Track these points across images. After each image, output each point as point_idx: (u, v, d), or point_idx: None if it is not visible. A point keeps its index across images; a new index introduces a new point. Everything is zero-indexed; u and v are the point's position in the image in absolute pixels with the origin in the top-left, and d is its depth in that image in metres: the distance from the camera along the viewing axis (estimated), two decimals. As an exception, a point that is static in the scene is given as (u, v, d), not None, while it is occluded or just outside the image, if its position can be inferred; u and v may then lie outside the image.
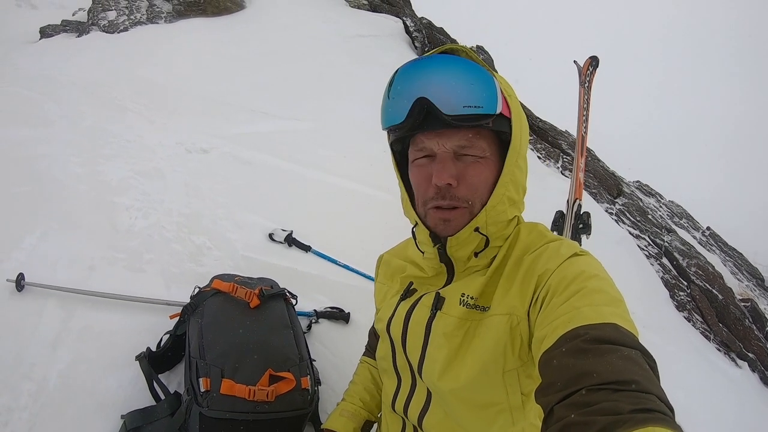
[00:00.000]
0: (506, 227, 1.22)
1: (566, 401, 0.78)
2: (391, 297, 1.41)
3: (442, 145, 1.13)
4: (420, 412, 1.29)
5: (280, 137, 4.87)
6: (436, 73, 1.09)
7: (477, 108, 1.06)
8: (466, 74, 1.09)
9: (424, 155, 1.18)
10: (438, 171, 1.13)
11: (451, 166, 1.13)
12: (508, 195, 1.17)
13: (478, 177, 1.14)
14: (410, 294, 1.35)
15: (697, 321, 5.58)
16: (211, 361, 1.69)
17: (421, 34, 9.08)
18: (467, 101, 1.06)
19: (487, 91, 1.08)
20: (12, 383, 1.85)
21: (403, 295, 1.36)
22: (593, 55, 3.79)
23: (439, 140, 1.13)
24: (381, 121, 1.19)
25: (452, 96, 1.06)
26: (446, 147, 1.13)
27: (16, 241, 2.53)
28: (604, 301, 0.94)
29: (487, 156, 1.14)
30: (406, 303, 1.33)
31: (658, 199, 9.06)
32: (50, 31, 7.74)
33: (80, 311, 2.23)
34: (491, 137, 1.15)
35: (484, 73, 1.10)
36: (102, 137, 3.99)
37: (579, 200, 3.25)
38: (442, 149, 1.13)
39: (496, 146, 1.17)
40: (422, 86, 1.08)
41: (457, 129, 1.10)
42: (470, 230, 1.17)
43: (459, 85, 1.07)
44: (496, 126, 1.12)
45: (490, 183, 1.16)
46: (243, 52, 7.00)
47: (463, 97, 1.06)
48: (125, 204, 3.14)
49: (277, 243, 3.28)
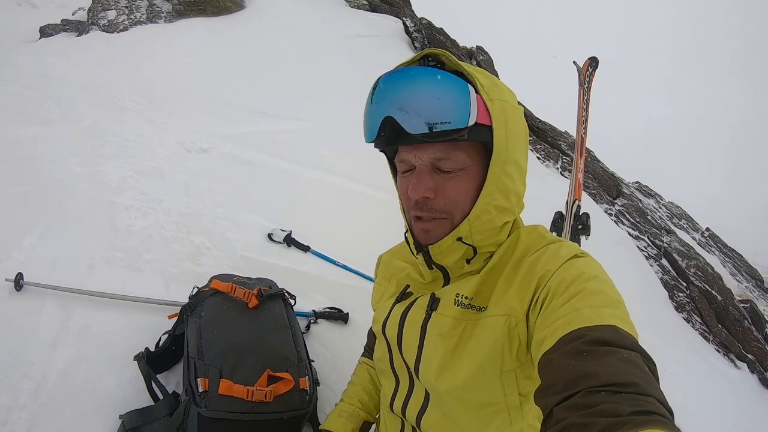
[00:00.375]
0: (498, 233, 1.20)
1: (566, 403, 0.78)
2: (387, 299, 1.41)
3: (419, 158, 1.12)
4: (418, 413, 1.29)
5: (280, 137, 4.88)
6: (403, 90, 1.06)
7: (444, 124, 1.03)
8: (432, 89, 1.04)
9: (406, 167, 1.17)
10: (414, 185, 1.12)
11: (428, 179, 1.12)
12: (495, 204, 1.14)
13: (457, 190, 1.13)
14: (406, 296, 1.35)
15: (696, 322, 5.58)
16: (210, 361, 1.69)
17: (421, 34, 9.08)
18: (432, 118, 1.03)
19: (455, 104, 1.04)
20: (11, 383, 1.85)
21: (399, 297, 1.36)
22: (592, 56, 3.80)
23: (416, 153, 1.11)
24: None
25: (416, 114, 1.03)
26: (422, 160, 1.11)
27: (16, 240, 2.53)
28: (604, 302, 0.94)
29: (466, 167, 1.12)
30: (401, 305, 1.33)
31: (657, 200, 9.06)
32: (50, 31, 7.74)
33: (79, 311, 2.23)
34: (472, 146, 1.12)
35: (453, 84, 1.06)
36: (101, 137, 3.99)
37: (578, 201, 3.25)
38: (419, 162, 1.12)
39: (479, 154, 1.13)
40: (389, 104, 1.06)
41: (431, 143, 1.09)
42: (452, 240, 1.16)
43: (423, 102, 1.03)
44: (473, 137, 1.08)
45: (471, 194, 1.14)
46: (243, 52, 7.00)
47: (427, 114, 1.03)
48: (124, 203, 3.14)
49: (276, 243, 3.29)
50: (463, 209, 1.14)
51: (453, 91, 1.05)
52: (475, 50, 10.12)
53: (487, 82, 1.11)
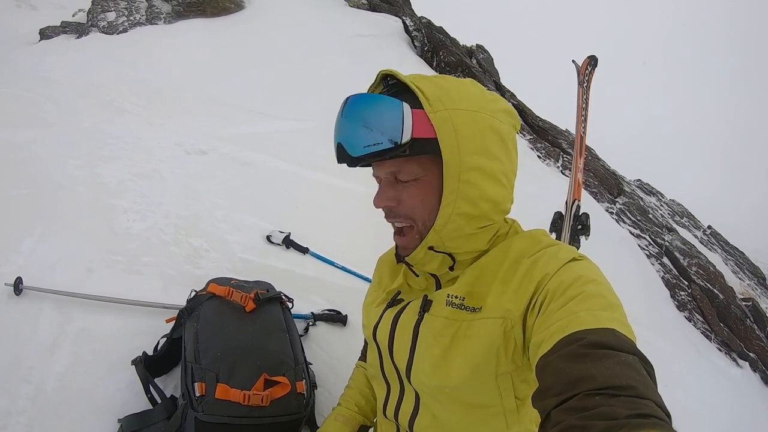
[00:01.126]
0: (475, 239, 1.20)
1: (563, 406, 0.78)
2: (377, 306, 1.41)
3: (380, 171, 1.20)
4: (410, 417, 1.29)
5: (279, 138, 4.88)
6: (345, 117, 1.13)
7: (376, 145, 1.08)
8: (364, 114, 1.10)
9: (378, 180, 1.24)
10: (376, 196, 1.21)
11: (388, 190, 1.19)
12: (459, 212, 1.14)
13: (413, 198, 1.16)
14: (397, 302, 1.35)
15: (697, 321, 5.58)
16: (206, 365, 1.69)
17: (421, 33, 9.09)
18: (365, 142, 1.08)
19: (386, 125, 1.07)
20: (10, 387, 1.85)
21: (390, 303, 1.37)
22: (592, 55, 3.78)
23: (378, 167, 1.20)
24: None
25: (353, 139, 1.10)
26: (383, 173, 1.19)
27: (14, 244, 2.53)
28: (602, 306, 0.94)
29: (419, 177, 1.15)
30: (392, 309, 1.33)
31: (659, 198, 9.06)
32: (50, 33, 7.75)
33: (78, 315, 2.23)
34: (426, 158, 1.13)
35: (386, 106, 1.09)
36: (100, 139, 3.99)
37: (578, 201, 3.24)
38: (383, 174, 1.19)
39: (435, 164, 1.13)
40: (338, 131, 1.15)
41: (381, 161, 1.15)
42: (423, 250, 1.20)
43: (357, 127, 1.10)
44: (416, 151, 1.10)
45: (429, 202, 1.16)
46: (242, 53, 7.01)
47: (361, 139, 1.09)
48: (123, 206, 3.14)
49: (274, 245, 3.29)
50: (423, 217, 1.17)
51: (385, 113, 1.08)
52: (475, 49, 10.13)
53: (436, 93, 1.10)
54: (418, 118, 1.08)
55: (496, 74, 9.83)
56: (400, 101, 1.08)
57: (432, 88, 1.11)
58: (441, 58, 8.58)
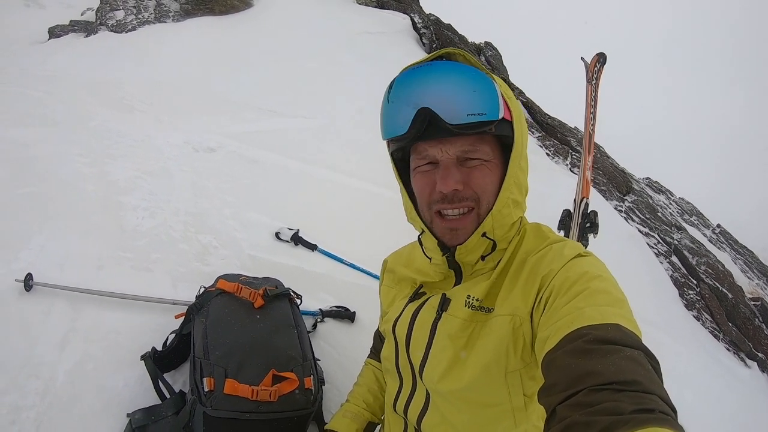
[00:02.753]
0: (510, 230, 1.21)
1: (569, 401, 0.78)
2: (400, 300, 1.41)
3: (446, 152, 1.12)
4: (419, 414, 1.29)
5: (287, 135, 4.88)
6: (437, 82, 1.08)
7: (481, 115, 1.06)
8: (468, 81, 1.07)
9: (426, 162, 1.16)
10: (443, 178, 1.12)
11: (456, 173, 1.12)
12: (513, 198, 1.16)
13: (484, 179, 1.14)
14: (419, 297, 1.35)
15: (706, 320, 5.54)
16: (215, 361, 1.70)
17: (429, 30, 9.06)
18: (471, 109, 1.05)
19: (489, 97, 1.07)
20: (20, 382, 1.87)
21: (412, 297, 1.37)
22: (600, 52, 3.76)
23: (443, 147, 1.12)
24: (381, 131, 1.18)
25: (455, 105, 1.05)
26: (450, 154, 1.12)
27: (24, 241, 2.55)
28: (608, 301, 0.95)
29: (491, 160, 1.14)
30: (413, 304, 1.34)
31: (668, 196, 9.00)
32: (59, 31, 7.77)
33: (88, 311, 2.25)
34: (493, 141, 1.14)
35: (485, 78, 1.09)
36: (109, 137, 4.01)
37: (586, 199, 3.23)
38: (445, 156, 1.12)
39: (498, 150, 1.16)
40: (423, 95, 1.07)
41: (460, 136, 1.09)
42: (478, 236, 1.17)
43: (461, 93, 1.06)
44: (499, 131, 1.11)
45: (495, 186, 1.15)
46: (250, 51, 7.01)
47: (466, 106, 1.05)
48: (132, 204, 3.16)
49: (283, 242, 3.29)
50: (488, 199, 1.15)
51: (485, 86, 1.08)
52: (484, 46, 10.09)
53: (501, 82, 1.13)
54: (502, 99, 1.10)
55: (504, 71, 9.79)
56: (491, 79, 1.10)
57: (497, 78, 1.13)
58: (449, 55, 8.53)
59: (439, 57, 1.17)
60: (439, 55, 1.17)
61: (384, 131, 1.18)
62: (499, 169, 1.16)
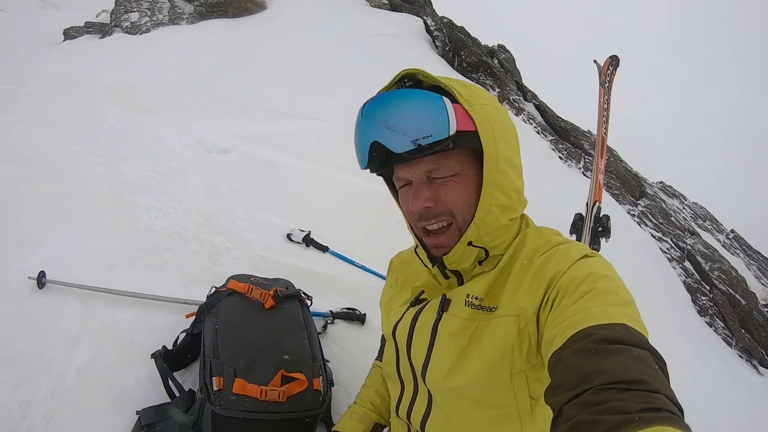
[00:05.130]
0: (506, 231, 1.22)
1: (575, 401, 0.78)
2: (400, 305, 1.41)
3: (413, 173, 1.16)
4: (422, 418, 1.29)
5: (300, 137, 4.90)
6: (383, 113, 1.11)
7: (426, 138, 1.07)
8: (410, 107, 1.09)
9: (403, 183, 1.21)
10: (413, 198, 1.17)
11: (425, 191, 1.16)
12: (496, 203, 1.16)
13: (452, 194, 1.15)
14: (419, 302, 1.35)
15: (718, 326, 5.49)
16: (225, 360, 1.71)
17: (442, 33, 9.08)
18: (414, 135, 1.07)
19: (434, 117, 1.08)
20: (31, 377, 1.89)
21: (413, 302, 1.37)
22: (613, 55, 3.74)
23: (410, 169, 1.16)
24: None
25: (399, 134, 1.08)
26: (417, 174, 1.16)
27: (38, 239, 2.58)
28: (614, 301, 0.94)
29: (457, 173, 1.15)
30: (414, 309, 1.34)
31: (681, 201, 8.94)
32: (74, 33, 7.87)
33: (100, 309, 2.27)
34: (462, 153, 1.15)
35: (431, 99, 1.09)
36: (123, 137, 4.05)
37: (598, 202, 3.21)
38: (414, 176, 1.16)
39: (470, 159, 1.17)
40: (373, 129, 1.11)
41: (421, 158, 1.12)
42: (463, 246, 1.18)
43: (403, 121, 1.08)
44: (460, 144, 1.11)
45: (468, 196, 1.17)
46: (263, 52, 7.05)
47: (409, 132, 1.07)
48: (145, 203, 3.18)
49: (295, 243, 3.30)
50: (463, 211, 1.17)
51: (428, 106, 1.09)
52: (497, 49, 10.09)
53: (465, 91, 1.14)
54: (458, 111, 1.10)
55: (517, 74, 9.79)
56: (440, 95, 1.10)
57: (458, 85, 1.14)
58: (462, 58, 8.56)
59: (401, 78, 1.20)
60: (401, 77, 1.20)
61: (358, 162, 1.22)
62: (474, 179, 1.17)
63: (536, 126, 7.89)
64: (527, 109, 8.34)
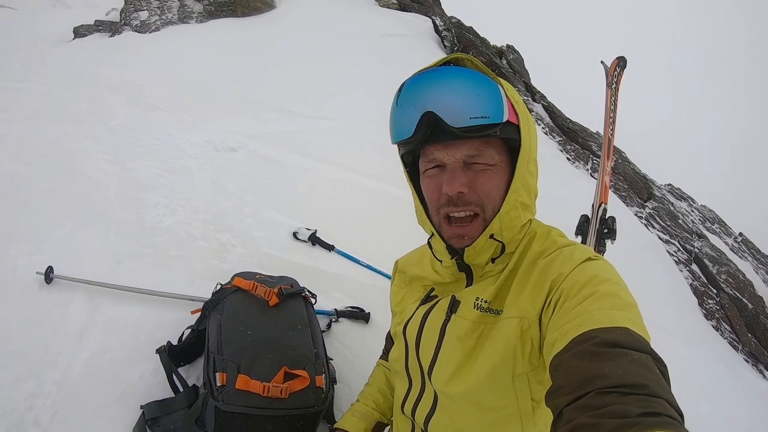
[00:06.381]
0: (520, 232, 1.21)
1: (576, 404, 0.78)
2: (412, 303, 1.42)
3: (452, 155, 1.13)
4: (426, 416, 1.30)
5: (308, 136, 4.92)
6: (442, 86, 1.10)
7: (484, 118, 1.07)
8: (472, 85, 1.09)
9: (434, 165, 1.18)
10: (449, 180, 1.13)
11: (462, 175, 1.13)
12: (521, 200, 1.17)
13: (489, 183, 1.14)
14: (430, 299, 1.36)
15: (725, 330, 5.46)
16: (229, 356, 1.72)
17: (451, 33, 9.06)
18: (473, 113, 1.06)
19: (493, 100, 1.08)
20: (38, 371, 1.92)
21: (424, 300, 1.37)
22: (620, 56, 3.73)
23: (449, 151, 1.13)
24: (390, 135, 1.20)
25: (459, 108, 1.07)
26: (456, 157, 1.13)
27: (45, 235, 2.61)
28: (617, 305, 0.94)
29: (496, 163, 1.14)
30: (425, 306, 1.34)
31: (689, 203, 8.89)
32: (84, 31, 7.92)
33: (106, 304, 2.29)
34: (500, 144, 1.15)
35: (489, 82, 1.10)
36: (132, 135, 4.08)
37: (604, 204, 3.20)
38: (451, 159, 1.14)
39: (505, 153, 1.17)
40: (428, 99, 1.09)
41: (465, 139, 1.11)
42: (486, 238, 1.17)
43: (465, 97, 1.07)
44: (504, 134, 1.12)
45: (501, 189, 1.16)
46: (272, 52, 7.07)
47: (469, 109, 1.07)
48: (153, 201, 3.21)
49: (301, 242, 3.31)
50: (494, 203, 1.16)
51: (489, 90, 1.09)
52: (506, 49, 10.07)
53: (508, 86, 1.14)
54: (507, 102, 1.11)
55: (526, 75, 9.76)
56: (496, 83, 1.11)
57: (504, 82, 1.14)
58: (470, 58, 8.52)
59: (447, 62, 1.18)
60: (447, 60, 1.19)
61: (393, 134, 1.19)
62: (506, 172, 1.17)
63: (544, 127, 7.88)
64: (536, 110, 8.33)
